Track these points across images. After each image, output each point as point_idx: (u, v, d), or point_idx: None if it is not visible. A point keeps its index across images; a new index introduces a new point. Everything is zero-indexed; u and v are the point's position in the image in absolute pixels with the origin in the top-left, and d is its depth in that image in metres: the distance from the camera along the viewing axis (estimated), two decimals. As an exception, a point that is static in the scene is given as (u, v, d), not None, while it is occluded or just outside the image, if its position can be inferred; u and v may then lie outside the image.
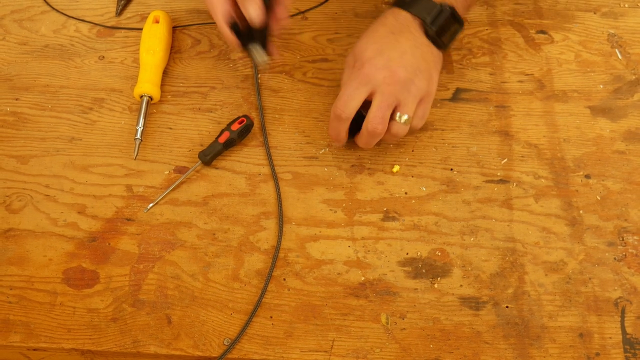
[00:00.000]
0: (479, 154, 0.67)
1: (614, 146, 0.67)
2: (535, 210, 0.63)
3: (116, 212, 0.65)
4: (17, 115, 0.72)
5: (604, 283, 0.59)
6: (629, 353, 0.56)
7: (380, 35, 0.60)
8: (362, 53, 0.60)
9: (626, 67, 0.73)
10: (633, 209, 0.63)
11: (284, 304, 0.59)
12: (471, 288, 0.60)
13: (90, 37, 0.78)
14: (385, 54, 0.58)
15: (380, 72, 0.58)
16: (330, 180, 0.66)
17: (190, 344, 0.58)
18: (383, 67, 0.58)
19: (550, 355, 0.56)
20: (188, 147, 0.69)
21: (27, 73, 0.75)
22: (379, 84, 0.58)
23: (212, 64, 0.75)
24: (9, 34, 0.79)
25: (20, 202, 0.66)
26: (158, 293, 0.60)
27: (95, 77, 0.74)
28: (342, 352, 0.57)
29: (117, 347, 0.58)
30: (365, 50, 0.59)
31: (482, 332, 0.57)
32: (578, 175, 0.65)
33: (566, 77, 0.72)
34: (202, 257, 0.62)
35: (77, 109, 0.72)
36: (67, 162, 0.68)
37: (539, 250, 0.61)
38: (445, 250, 0.62)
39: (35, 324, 0.59)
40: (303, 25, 0.78)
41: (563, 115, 0.69)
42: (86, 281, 0.61)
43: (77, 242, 0.63)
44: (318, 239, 0.63)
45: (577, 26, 0.76)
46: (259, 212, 0.64)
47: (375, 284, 0.60)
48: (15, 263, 0.62)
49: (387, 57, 0.58)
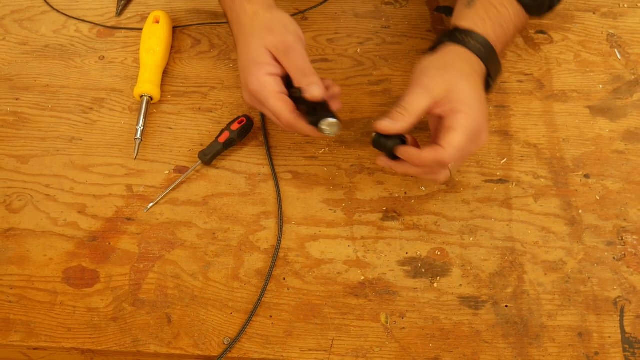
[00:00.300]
0: (479, 154, 0.67)
1: (613, 146, 0.67)
2: (534, 209, 0.64)
3: (116, 212, 0.65)
4: (18, 115, 0.72)
5: (603, 282, 0.60)
6: (628, 352, 0.56)
7: (481, 90, 0.58)
8: (479, 110, 0.57)
9: (625, 67, 0.73)
10: (632, 209, 0.63)
11: (284, 303, 0.59)
12: (470, 287, 0.60)
13: (91, 37, 0.78)
14: (487, 117, 0.58)
15: (483, 136, 0.58)
16: (330, 180, 0.66)
17: (190, 343, 0.58)
18: (484, 132, 0.58)
19: (550, 354, 0.56)
20: (188, 147, 0.69)
21: (27, 73, 0.75)
22: (477, 144, 0.58)
23: (212, 64, 0.75)
24: (9, 34, 0.79)
25: (20, 202, 0.66)
26: (158, 292, 0.60)
27: (96, 77, 0.75)
28: (342, 351, 0.57)
29: (117, 347, 0.58)
30: (481, 109, 0.57)
31: (482, 331, 0.58)
32: (577, 175, 0.66)
33: (565, 77, 0.72)
34: (202, 257, 0.62)
35: (77, 109, 0.72)
36: (67, 161, 0.68)
37: (538, 250, 0.61)
38: (445, 249, 0.62)
39: (35, 323, 0.59)
40: (303, 26, 0.77)
41: (562, 115, 0.69)
42: (86, 280, 0.61)
43: (78, 242, 0.63)
44: (318, 238, 0.63)
45: (577, 26, 0.76)
46: (259, 211, 0.64)
47: (374, 284, 0.60)
48: (15, 262, 0.62)
49: (486, 120, 0.58)
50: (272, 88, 0.60)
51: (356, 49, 0.76)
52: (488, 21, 0.61)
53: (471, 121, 0.55)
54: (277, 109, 0.60)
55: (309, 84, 0.58)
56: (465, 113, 0.55)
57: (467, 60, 0.59)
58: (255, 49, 0.61)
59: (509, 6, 0.62)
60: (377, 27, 0.77)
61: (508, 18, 0.62)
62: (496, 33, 0.61)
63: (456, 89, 0.56)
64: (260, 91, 0.60)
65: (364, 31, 0.77)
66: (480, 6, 0.62)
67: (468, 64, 0.59)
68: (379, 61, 0.74)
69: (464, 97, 0.56)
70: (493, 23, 0.61)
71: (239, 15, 0.63)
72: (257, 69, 0.60)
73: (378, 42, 0.76)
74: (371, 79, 0.73)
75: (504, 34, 0.62)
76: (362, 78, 0.73)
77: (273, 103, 0.60)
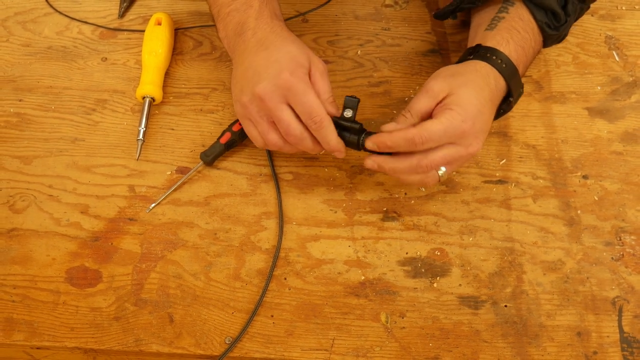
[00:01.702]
0: (478, 155, 0.67)
1: (612, 147, 0.68)
2: (533, 210, 0.64)
3: (119, 212, 0.65)
4: (21, 116, 0.72)
5: (601, 282, 0.60)
6: (626, 352, 0.57)
7: (485, 100, 0.58)
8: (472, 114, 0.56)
9: (623, 69, 0.73)
10: (630, 209, 0.64)
11: (285, 303, 0.60)
12: (470, 287, 0.60)
13: (93, 39, 0.79)
14: (484, 128, 0.58)
15: (472, 143, 0.57)
16: (330, 180, 0.67)
17: (192, 342, 0.58)
18: (475, 139, 0.57)
19: (549, 353, 0.57)
20: (190, 148, 0.69)
21: (30, 74, 0.76)
22: (465, 148, 0.57)
23: (213, 66, 0.76)
24: (12, 35, 0.79)
25: (23, 202, 0.66)
26: (160, 292, 0.61)
27: (98, 78, 0.75)
28: (343, 350, 0.57)
29: (119, 346, 0.58)
30: (476, 115, 0.57)
31: (481, 330, 0.58)
32: (576, 176, 0.66)
33: (564, 78, 0.73)
34: (203, 257, 0.63)
35: (80, 110, 0.73)
36: (70, 162, 0.69)
37: (537, 250, 0.62)
38: (445, 249, 0.62)
39: (38, 323, 0.59)
40: (303, 28, 0.78)
41: (561, 116, 0.70)
42: (89, 280, 0.62)
43: (80, 242, 0.64)
44: (318, 238, 0.63)
45: (575, 28, 0.76)
46: (260, 212, 0.65)
47: (375, 284, 0.61)
48: (18, 262, 0.63)
49: (482, 131, 0.58)
50: (310, 84, 0.57)
51: (356, 50, 0.76)
52: (511, 42, 0.62)
53: (458, 119, 0.55)
54: (315, 102, 0.57)
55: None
56: (454, 111, 0.56)
57: (482, 74, 0.59)
58: (297, 49, 0.59)
59: (530, 31, 0.63)
60: (377, 29, 0.78)
61: (529, 42, 0.63)
62: (518, 54, 0.61)
63: (457, 93, 0.57)
64: (296, 84, 0.56)
65: (364, 33, 0.77)
66: (503, 29, 0.62)
67: (482, 78, 0.59)
68: (379, 63, 0.75)
69: (461, 100, 0.56)
70: (516, 45, 0.62)
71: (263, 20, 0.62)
72: (294, 65, 0.57)
73: (378, 44, 0.76)
74: (371, 81, 0.74)
75: (525, 56, 0.62)
76: (362, 80, 0.74)
77: (312, 96, 0.57)
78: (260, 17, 0.62)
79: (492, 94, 0.59)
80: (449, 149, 0.57)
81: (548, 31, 0.64)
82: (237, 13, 0.63)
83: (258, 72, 0.58)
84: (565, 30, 0.66)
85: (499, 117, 0.63)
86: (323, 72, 0.60)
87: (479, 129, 0.57)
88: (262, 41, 0.60)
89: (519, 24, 0.63)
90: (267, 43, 0.60)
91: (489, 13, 0.65)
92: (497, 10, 0.64)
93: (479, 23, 0.66)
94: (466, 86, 0.57)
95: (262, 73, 0.58)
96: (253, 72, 0.59)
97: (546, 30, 0.63)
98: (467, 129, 0.56)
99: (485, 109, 0.58)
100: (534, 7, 0.63)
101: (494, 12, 0.64)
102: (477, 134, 0.57)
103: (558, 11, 0.63)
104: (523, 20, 0.63)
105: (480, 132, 0.57)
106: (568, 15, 0.64)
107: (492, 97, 0.59)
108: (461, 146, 0.57)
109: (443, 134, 0.55)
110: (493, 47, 0.61)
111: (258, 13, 0.62)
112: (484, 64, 0.60)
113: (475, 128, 0.57)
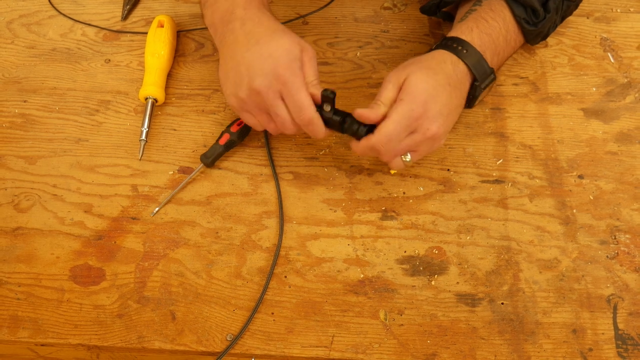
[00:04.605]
0: (475, 155, 0.68)
1: (607, 147, 0.69)
2: (529, 209, 0.65)
3: (122, 211, 0.66)
4: (26, 117, 0.73)
5: (596, 280, 0.61)
6: (621, 348, 0.57)
7: (440, 84, 0.59)
8: (422, 99, 0.57)
9: (618, 71, 0.74)
10: (625, 208, 0.65)
11: (285, 300, 0.61)
12: (467, 285, 0.61)
13: (97, 40, 0.80)
14: (442, 111, 0.58)
15: (430, 127, 0.58)
16: (330, 180, 0.68)
17: (194, 339, 0.59)
18: (432, 123, 0.58)
19: (545, 350, 0.58)
20: (192, 148, 0.70)
21: (35, 76, 0.77)
22: (422, 134, 0.58)
23: (215, 67, 0.77)
24: (17, 37, 0.80)
25: (28, 202, 0.67)
26: (162, 290, 0.61)
27: (102, 79, 0.76)
28: (342, 347, 0.58)
29: (122, 343, 0.59)
30: (426, 99, 0.58)
31: (478, 328, 0.59)
32: (571, 176, 0.67)
33: (560, 80, 0.74)
34: (205, 255, 0.63)
35: (83, 111, 0.74)
36: (74, 162, 0.70)
37: (534, 249, 0.63)
38: (442, 248, 0.63)
39: (43, 320, 0.60)
40: (303, 29, 0.79)
41: (557, 117, 0.71)
42: (92, 278, 0.62)
43: (84, 241, 0.64)
44: (318, 237, 0.64)
45: (571, 30, 0.77)
46: (261, 211, 0.66)
47: (374, 281, 0.61)
48: (23, 261, 0.64)
49: (439, 114, 0.58)
50: (303, 80, 0.58)
51: (356, 52, 0.77)
52: (475, 29, 0.63)
53: (406, 109, 0.57)
54: (307, 101, 0.58)
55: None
56: (403, 101, 0.57)
57: (438, 59, 0.61)
58: (288, 40, 0.59)
59: (500, 21, 0.64)
60: (376, 31, 0.79)
61: (498, 30, 0.64)
62: (482, 40, 0.63)
63: (409, 78, 0.58)
64: (291, 81, 0.57)
65: (363, 35, 0.78)
66: (471, 19, 0.65)
67: (437, 63, 0.60)
68: (378, 64, 0.76)
69: (410, 86, 0.58)
70: (480, 32, 0.63)
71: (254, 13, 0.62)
72: (289, 58, 0.58)
73: (377, 46, 0.77)
74: (370, 82, 0.75)
75: (491, 43, 0.64)
76: (361, 81, 0.75)
77: (304, 94, 0.58)
78: (248, 6, 0.62)
79: (449, 78, 0.60)
80: (409, 137, 0.58)
81: (527, 27, 0.64)
82: (224, 1, 0.63)
83: (252, 67, 0.59)
84: (545, 26, 0.66)
85: (473, 102, 0.64)
86: (312, 57, 0.61)
87: (435, 112, 0.58)
88: (253, 34, 0.60)
89: (489, 14, 0.64)
90: (258, 36, 0.60)
91: (466, 8, 0.67)
92: (472, 4, 0.66)
93: (458, 19, 0.68)
94: (420, 71, 0.59)
95: (257, 68, 0.58)
96: (246, 67, 0.59)
97: (524, 26, 0.64)
98: (418, 115, 0.57)
99: (438, 92, 0.58)
100: (512, 2, 0.64)
101: (470, 6, 0.67)
102: (433, 118, 0.58)
103: (537, 8, 0.64)
104: (493, 10, 0.64)
105: (438, 115, 0.58)
106: (548, 12, 0.65)
107: (449, 81, 0.60)
108: (418, 132, 0.58)
109: (400, 129, 0.57)
110: (455, 36, 0.63)
111: (246, 2, 0.62)
112: (443, 52, 0.62)
113: (429, 112, 0.57)
